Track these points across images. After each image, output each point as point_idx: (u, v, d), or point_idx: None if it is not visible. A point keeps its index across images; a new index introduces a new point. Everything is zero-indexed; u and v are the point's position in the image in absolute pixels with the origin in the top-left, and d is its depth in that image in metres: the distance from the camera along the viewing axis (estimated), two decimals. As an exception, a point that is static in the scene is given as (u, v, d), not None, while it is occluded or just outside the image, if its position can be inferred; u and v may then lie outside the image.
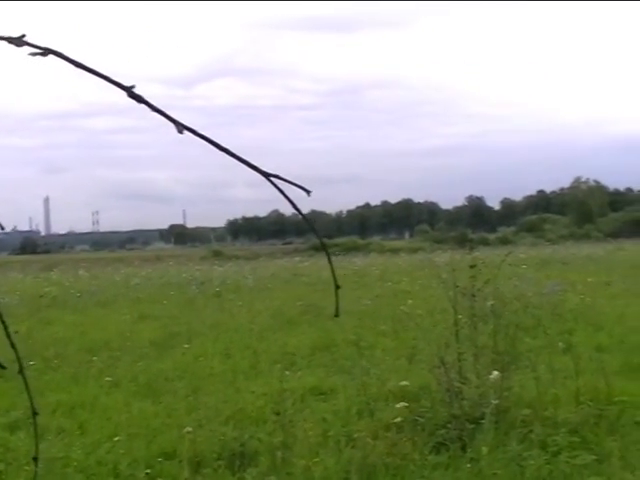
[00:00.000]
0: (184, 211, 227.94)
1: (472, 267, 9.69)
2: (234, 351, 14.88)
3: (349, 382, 10.91)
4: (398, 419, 8.58)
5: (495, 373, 8.71)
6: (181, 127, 1.66)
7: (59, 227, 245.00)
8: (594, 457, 7.57)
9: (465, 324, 9.81)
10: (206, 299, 26.52)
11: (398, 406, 8.74)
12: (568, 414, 8.78)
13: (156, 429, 9.45)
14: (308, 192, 1.80)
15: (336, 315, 1.92)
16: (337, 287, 1.90)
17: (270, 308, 22.09)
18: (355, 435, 8.44)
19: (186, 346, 15.46)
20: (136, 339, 16.97)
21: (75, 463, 8.28)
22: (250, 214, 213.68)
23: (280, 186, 1.74)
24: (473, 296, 9.59)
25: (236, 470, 7.88)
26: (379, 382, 10.56)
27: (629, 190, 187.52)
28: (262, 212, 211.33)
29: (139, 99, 1.65)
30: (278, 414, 8.89)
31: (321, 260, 53.54)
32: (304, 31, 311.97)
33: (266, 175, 1.73)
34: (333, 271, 1.88)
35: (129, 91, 1.65)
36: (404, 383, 9.79)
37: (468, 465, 7.47)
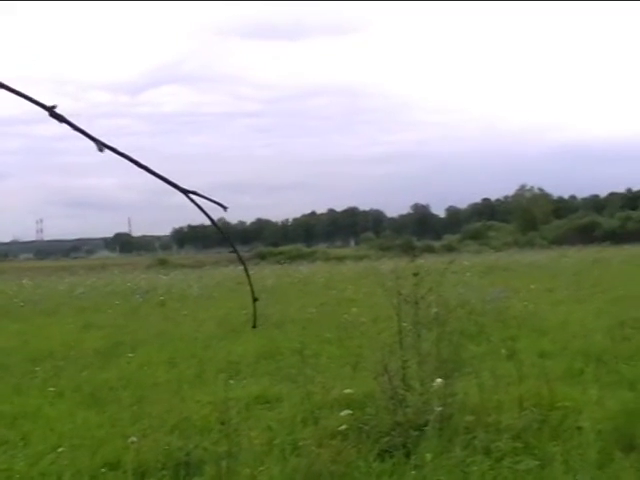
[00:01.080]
0: (129, 219, 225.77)
1: (415, 275, 9.74)
2: (179, 360, 14.84)
3: (294, 390, 10.91)
4: (343, 427, 8.58)
5: (438, 380, 8.75)
6: (101, 145, 1.66)
7: (2, 236, 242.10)
8: (537, 462, 7.63)
9: (409, 331, 9.85)
10: (151, 308, 26.41)
11: (343, 414, 8.75)
12: (511, 420, 8.84)
13: (100, 439, 9.35)
14: (225, 208, 1.82)
15: (254, 326, 1.95)
16: (255, 300, 1.92)
17: (215, 317, 22.03)
18: (300, 443, 8.42)
19: (131, 355, 15.35)
20: (80, 348, 16.83)
21: (18, 475, 8.17)
22: (196, 222, 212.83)
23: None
24: (416, 303, 9.64)
25: (181, 480, 7.85)
26: (324, 390, 10.56)
27: (573, 197, 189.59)
28: (208, 220, 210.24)
29: (60, 119, 1.65)
30: (223, 423, 8.85)
31: (266, 268, 53.65)
32: (250, 38, 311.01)
33: (185, 192, 1.74)
34: (251, 284, 1.90)
35: (50, 111, 1.64)
36: (348, 391, 9.81)
37: (412, 472, 7.49)
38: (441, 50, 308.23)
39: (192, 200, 1.71)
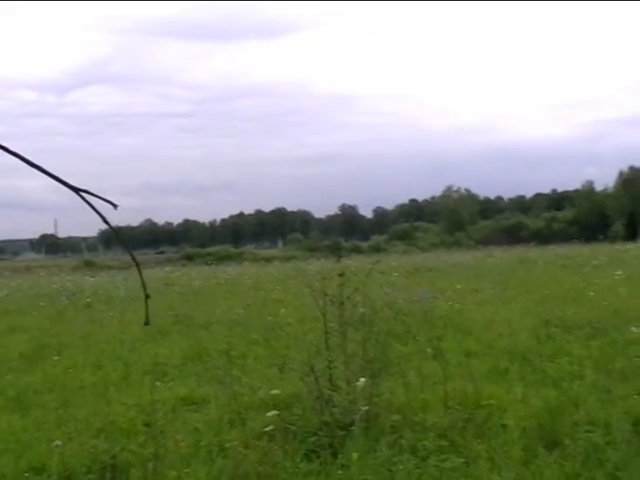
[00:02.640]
0: (55, 220, 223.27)
1: (341, 275, 9.77)
2: (105, 362, 14.72)
3: (221, 391, 10.86)
4: (269, 427, 8.56)
5: (362, 380, 8.76)
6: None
7: None
8: (462, 460, 7.70)
9: (336, 332, 9.86)
10: (77, 310, 26.12)
11: (269, 414, 8.72)
12: (437, 418, 8.91)
13: (25, 443, 9.24)
14: (115, 206, 1.80)
15: (146, 323, 1.96)
16: (147, 297, 1.92)
17: (142, 318, 21.75)
18: (227, 445, 8.40)
19: (56, 358, 15.15)
20: (5, 352, 16.63)
21: (-61, 480, 8.06)
22: (123, 223, 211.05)
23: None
24: (342, 304, 9.66)
25: (107, 483, 7.78)
26: (251, 391, 10.55)
27: (499, 198, 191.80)
28: (135, 221, 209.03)
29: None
30: (149, 425, 8.81)
31: (193, 270, 53.47)
32: (178, 38, 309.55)
33: (76, 190, 1.73)
34: (143, 282, 1.90)
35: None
36: (275, 391, 9.77)
37: (339, 472, 7.49)
38: (368, 52, 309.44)
39: (83, 198, 1.69)
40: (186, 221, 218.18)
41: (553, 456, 7.59)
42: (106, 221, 1.76)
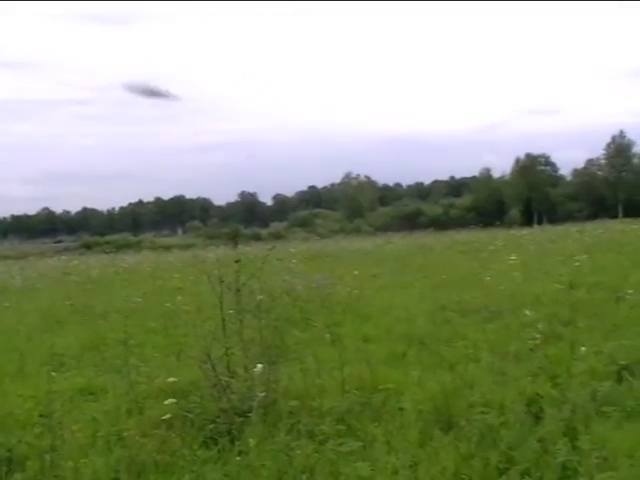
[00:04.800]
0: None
1: (237, 262, 9.76)
2: None
3: (119, 381, 10.74)
4: (167, 416, 8.52)
5: (259, 366, 8.77)
6: None
7: None
8: (360, 444, 7.76)
9: (234, 319, 9.86)
10: (-29, 301, 25.62)
11: (167, 403, 8.68)
12: (334, 403, 8.95)
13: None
14: None
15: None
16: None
17: (39, 308, 21.57)
18: (125, 434, 8.33)
19: (-52, 350, 14.88)
20: None
21: None
22: (19, 212, 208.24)
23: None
24: (238, 291, 9.66)
25: (3, 477, 7.65)
26: (149, 380, 10.50)
27: (398, 185, 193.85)
28: (32, 210, 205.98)
29: None
30: (46, 417, 8.68)
31: (91, 258, 52.83)
32: (77, 23, 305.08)
33: None
34: None
35: None
36: (172, 379, 9.75)
37: (237, 458, 7.50)
38: (271, 42, 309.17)
39: None
40: (84, 209, 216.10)
41: (448, 437, 7.69)
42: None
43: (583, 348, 10.70)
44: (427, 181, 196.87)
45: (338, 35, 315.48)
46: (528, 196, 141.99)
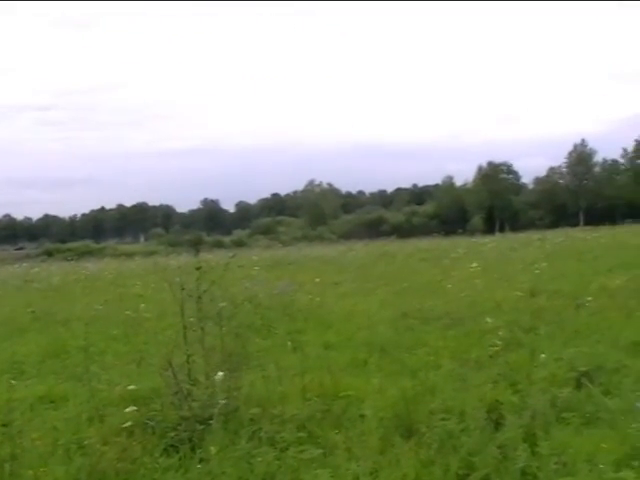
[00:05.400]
0: None
1: (198, 269, 9.75)
2: (-42, 362, 14.34)
3: (80, 388, 10.72)
4: (128, 423, 8.50)
5: (221, 373, 8.78)
6: None
7: None
8: (321, 451, 7.76)
9: (195, 326, 9.84)
10: None
11: (128, 410, 8.66)
12: (296, 410, 8.95)
13: None
14: None
15: None
16: None
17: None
18: (85, 442, 8.28)
19: None
20: None
21: None
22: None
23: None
24: (199, 298, 9.63)
25: (-39, 486, 7.60)
26: (110, 387, 10.46)
27: (361, 193, 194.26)
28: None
29: None
30: (6, 425, 8.62)
31: (53, 265, 52.48)
32: (37, 27, 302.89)
33: None
34: None
35: None
36: (132, 387, 9.73)
37: (198, 465, 7.50)
38: (234, 48, 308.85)
39: None
40: (46, 216, 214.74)
41: (409, 444, 7.72)
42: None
43: (543, 355, 10.82)
44: (390, 189, 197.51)
45: (303, 42, 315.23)
46: (490, 204, 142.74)
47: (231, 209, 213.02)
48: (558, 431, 7.93)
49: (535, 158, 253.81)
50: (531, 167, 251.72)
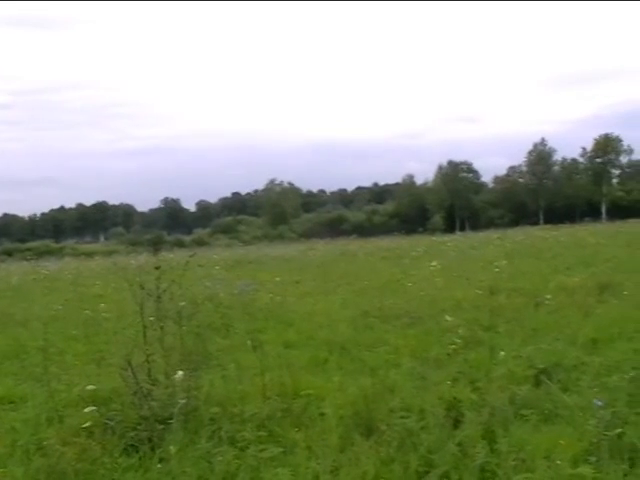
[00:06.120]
0: None
1: (157, 269, 9.72)
2: None
3: (39, 389, 10.65)
4: (88, 424, 8.45)
5: (180, 373, 8.77)
6: None
7: None
8: (281, 449, 7.77)
9: (155, 326, 9.82)
10: None
11: (87, 410, 8.61)
12: (256, 409, 8.95)
13: None
14: None
15: None
16: None
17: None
18: (45, 443, 8.24)
19: None
20: None
21: None
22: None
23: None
24: (159, 297, 9.61)
25: None
26: (69, 388, 10.40)
27: (322, 192, 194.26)
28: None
29: None
30: (-36, 428, 8.57)
31: (12, 265, 52.11)
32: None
33: None
34: None
35: None
36: (91, 387, 9.68)
37: (158, 465, 7.47)
38: (194, 46, 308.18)
39: None
40: (5, 215, 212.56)
41: (369, 442, 7.74)
42: None
43: (502, 352, 10.90)
44: (350, 188, 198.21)
45: (260, 41, 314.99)
46: (450, 203, 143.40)
47: (192, 208, 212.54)
48: (517, 428, 7.98)
49: (495, 157, 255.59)
50: (491, 166, 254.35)
